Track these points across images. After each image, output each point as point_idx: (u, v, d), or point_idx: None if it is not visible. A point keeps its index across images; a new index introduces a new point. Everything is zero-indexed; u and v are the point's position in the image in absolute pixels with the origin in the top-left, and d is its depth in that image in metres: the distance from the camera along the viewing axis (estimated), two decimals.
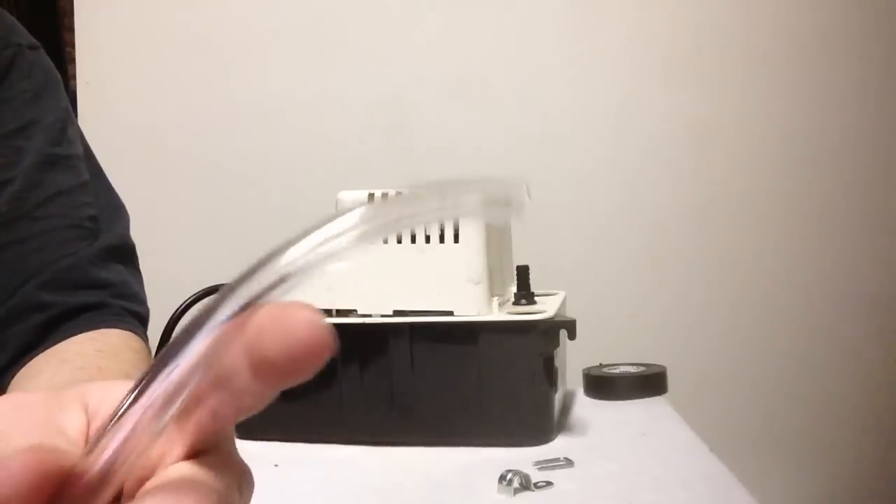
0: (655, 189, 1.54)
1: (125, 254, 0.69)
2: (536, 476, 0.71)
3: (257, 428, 0.85)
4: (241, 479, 0.27)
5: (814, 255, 1.53)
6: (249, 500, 0.28)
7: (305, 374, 0.24)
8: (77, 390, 0.28)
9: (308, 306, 0.24)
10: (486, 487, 0.69)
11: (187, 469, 0.25)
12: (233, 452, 0.28)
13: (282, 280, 0.24)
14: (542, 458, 0.75)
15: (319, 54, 1.57)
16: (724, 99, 1.54)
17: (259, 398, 0.25)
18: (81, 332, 0.60)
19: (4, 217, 0.63)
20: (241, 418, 0.27)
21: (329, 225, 0.25)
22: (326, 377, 0.83)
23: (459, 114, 1.55)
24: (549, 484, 0.70)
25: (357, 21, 1.56)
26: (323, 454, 0.82)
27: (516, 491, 0.68)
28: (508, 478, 0.68)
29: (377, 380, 0.83)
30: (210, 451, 0.27)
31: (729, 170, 1.54)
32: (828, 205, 1.54)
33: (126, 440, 0.24)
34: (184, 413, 0.24)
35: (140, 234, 0.74)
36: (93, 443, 0.24)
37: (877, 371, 1.54)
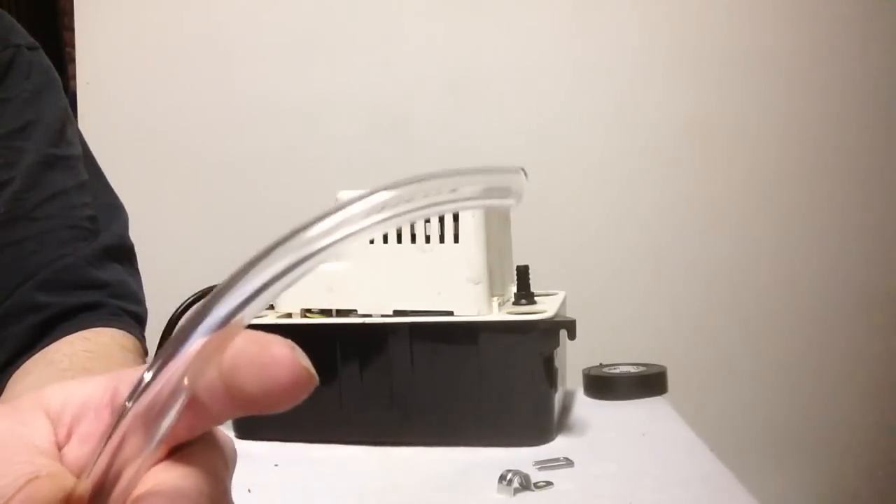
0: (655, 189, 1.54)
1: (123, 254, 0.69)
2: (536, 476, 0.71)
3: (257, 428, 0.85)
4: (224, 458, 0.27)
5: (814, 254, 1.53)
6: (234, 464, 0.29)
7: (285, 408, 0.24)
8: (33, 398, 0.28)
9: (287, 343, 0.24)
10: (486, 487, 0.69)
11: (171, 472, 0.25)
12: (208, 436, 0.28)
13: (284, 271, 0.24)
14: (542, 458, 0.75)
15: (319, 54, 1.57)
16: (724, 98, 1.54)
17: (235, 415, 0.25)
18: (76, 332, 0.60)
19: (3, 217, 0.63)
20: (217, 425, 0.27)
21: (342, 211, 0.25)
22: (326, 377, 0.83)
23: (459, 114, 1.55)
24: (549, 484, 0.70)
25: (357, 21, 1.56)
26: (323, 454, 0.82)
27: (516, 491, 0.68)
28: (508, 478, 0.68)
29: (377, 380, 0.83)
30: (188, 443, 0.27)
31: (729, 169, 1.54)
32: (828, 204, 1.54)
33: (118, 461, 0.24)
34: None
35: (139, 234, 0.74)
36: (89, 465, 0.24)
37: (877, 371, 1.54)
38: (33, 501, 0.22)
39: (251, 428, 0.85)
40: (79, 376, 0.53)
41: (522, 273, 0.89)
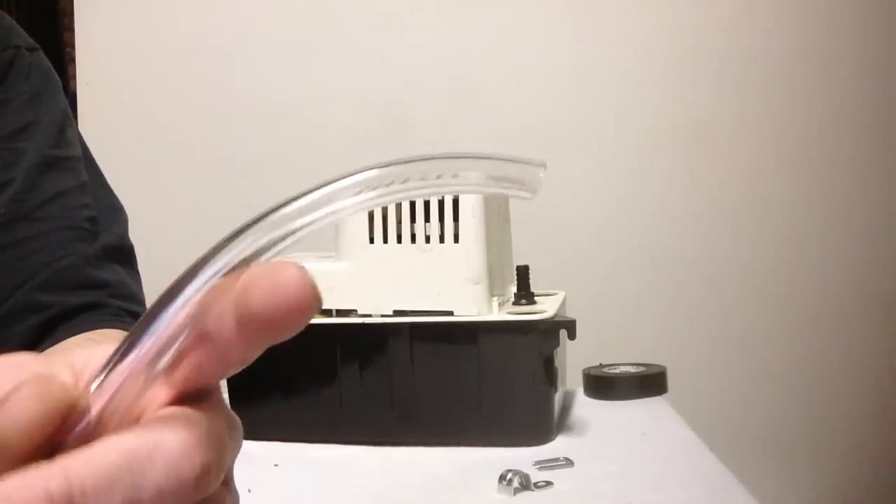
0: (655, 189, 1.54)
1: (123, 254, 0.69)
2: (536, 476, 0.71)
3: (257, 428, 0.85)
4: (230, 423, 0.28)
5: (813, 254, 1.53)
6: (239, 446, 0.29)
7: (290, 332, 0.25)
8: (62, 354, 0.29)
9: (296, 265, 0.25)
10: (486, 487, 0.69)
11: (177, 408, 0.26)
12: (220, 401, 0.28)
13: (276, 239, 0.25)
14: (542, 458, 0.75)
15: (319, 54, 1.57)
16: (724, 99, 1.54)
17: (243, 355, 0.26)
18: (79, 332, 0.60)
19: (3, 218, 0.63)
20: (226, 375, 0.27)
21: (332, 185, 0.25)
22: (326, 377, 0.83)
23: (459, 114, 1.55)
24: (549, 484, 0.70)
25: (357, 21, 1.56)
26: (323, 454, 0.82)
27: (516, 491, 0.68)
28: (508, 478, 0.68)
29: (377, 380, 0.83)
30: (197, 398, 0.27)
31: (728, 170, 1.54)
32: (827, 204, 1.54)
33: (121, 386, 0.25)
34: (171, 366, 0.25)
35: (139, 234, 0.74)
36: (87, 385, 0.25)
37: (877, 371, 1.54)
38: (34, 398, 0.23)
39: (251, 428, 0.85)
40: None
41: (522, 273, 0.89)
